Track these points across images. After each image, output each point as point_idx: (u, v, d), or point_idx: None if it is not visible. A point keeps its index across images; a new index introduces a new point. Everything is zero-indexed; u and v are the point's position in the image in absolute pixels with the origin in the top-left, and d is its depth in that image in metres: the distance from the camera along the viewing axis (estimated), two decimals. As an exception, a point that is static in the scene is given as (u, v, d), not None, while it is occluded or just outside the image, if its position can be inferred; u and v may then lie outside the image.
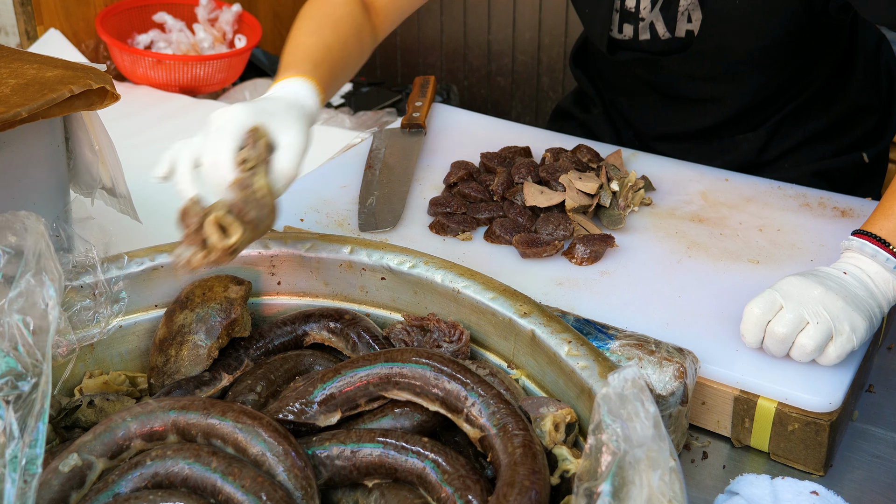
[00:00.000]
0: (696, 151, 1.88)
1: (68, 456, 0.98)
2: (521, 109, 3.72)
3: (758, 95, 1.82)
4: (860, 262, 1.28)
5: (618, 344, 1.21)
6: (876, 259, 1.27)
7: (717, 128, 1.88)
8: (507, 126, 1.93)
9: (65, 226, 1.32)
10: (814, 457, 1.19)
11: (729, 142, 1.89)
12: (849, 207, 1.60)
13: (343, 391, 1.06)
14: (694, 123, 1.89)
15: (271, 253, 1.26)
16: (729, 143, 1.89)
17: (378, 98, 3.24)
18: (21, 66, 1.29)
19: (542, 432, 1.02)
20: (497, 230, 1.50)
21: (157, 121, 2.30)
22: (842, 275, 1.27)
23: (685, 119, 1.90)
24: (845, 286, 1.25)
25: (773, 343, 1.22)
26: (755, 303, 1.24)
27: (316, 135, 2.28)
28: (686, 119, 1.90)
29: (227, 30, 2.81)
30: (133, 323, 1.24)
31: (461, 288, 1.18)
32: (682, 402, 1.16)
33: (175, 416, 1.01)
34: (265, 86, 2.74)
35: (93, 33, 2.69)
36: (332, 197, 1.64)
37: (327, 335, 1.21)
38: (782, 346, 1.22)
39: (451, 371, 1.03)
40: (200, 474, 0.96)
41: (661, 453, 0.87)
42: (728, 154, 1.89)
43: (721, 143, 1.90)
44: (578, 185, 1.55)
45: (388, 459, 0.99)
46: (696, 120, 1.89)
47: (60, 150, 1.37)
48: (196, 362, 1.16)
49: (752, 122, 1.87)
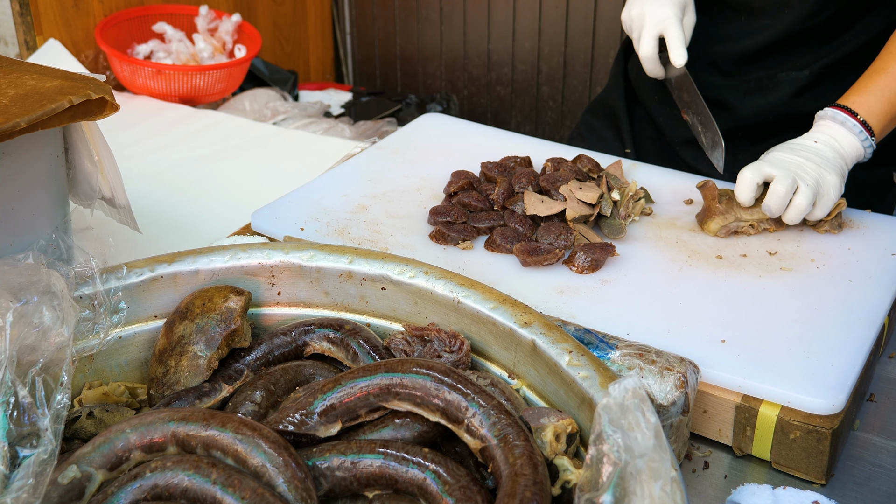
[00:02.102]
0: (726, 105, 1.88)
1: (67, 468, 0.97)
2: (520, 119, 3.72)
3: (816, 12, 1.80)
4: (830, 128, 1.57)
5: (619, 354, 1.20)
6: (845, 125, 1.56)
7: (768, 50, 1.86)
8: (507, 136, 1.93)
9: (64, 237, 1.32)
10: (815, 465, 1.19)
11: (768, 80, 1.88)
12: (849, 218, 1.60)
13: (343, 402, 1.05)
14: (747, 42, 1.87)
15: (271, 263, 1.26)
16: (768, 82, 1.88)
17: (378, 108, 3.25)
18: (20, 76, 1.29)
19: (543, 443, 1.01)
20: (497, 239, 1.50)
21: (157, 131, 2.31)
22: (813, 143, 1.55)
23: (742, 35, 1.87)
24: (818, 153, 1.53)
25: (774, 199, 1.48)
26: (747, 168, 1.51)
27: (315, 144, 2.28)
28: (743, 35, 1.87)
29: (227, 40, 2.81)
30: (132, 334, 1.23)
31: (461, 298, 1.18)
32: (683, 412, 1.16)
33: (174, 427, 1.01)
34: (265, 95, 2.75)
35: (92, 43, 2.69)
36: (332, 206, 1.64)
37: (327, 345, 1.20)
38: (782, 202, 1.48)
39: (451, 381, 1.03)
40: (200, 486, 0.95)
41: (662, 463, 0.87)
42: (765, 95, 1.87)
43: (759, 82, 1.88)
44: (579, 194, 1.54)
45: (389, 470, 0.99)
46: (750, 38, 1.87)
47: (60, 160, 1.37)
48: (196, 373, 1.16)
49: (799, 56, 1.85)
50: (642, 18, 1.74)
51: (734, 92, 1.90)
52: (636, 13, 1.75)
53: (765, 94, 1.88)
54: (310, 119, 2.66)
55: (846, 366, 1.23)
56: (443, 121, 1.99)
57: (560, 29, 3.47)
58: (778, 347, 1.27)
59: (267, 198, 1.74)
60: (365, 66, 4.02)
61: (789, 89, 1.86)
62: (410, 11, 3.77)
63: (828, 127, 1.57)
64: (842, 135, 1.56)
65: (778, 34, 1.84)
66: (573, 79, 3.52)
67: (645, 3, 1.74)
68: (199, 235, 1.73)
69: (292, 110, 2.69)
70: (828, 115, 1.58)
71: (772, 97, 1.88)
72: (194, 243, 1.52)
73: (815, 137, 1.56)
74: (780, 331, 1.31)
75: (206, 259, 1.25)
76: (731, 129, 1.90)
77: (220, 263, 1.25)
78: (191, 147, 2.21)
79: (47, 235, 1.30)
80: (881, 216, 1.60)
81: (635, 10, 1.76)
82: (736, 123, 1.91)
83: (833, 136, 1.56)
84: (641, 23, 1.75)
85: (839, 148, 1.55)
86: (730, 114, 1.91)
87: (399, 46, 3.88)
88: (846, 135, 1.55)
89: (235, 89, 2.76)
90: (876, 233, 1.55)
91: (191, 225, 1.81)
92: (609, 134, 2.12)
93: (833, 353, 1.26)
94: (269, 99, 2.74)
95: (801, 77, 1.86)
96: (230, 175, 2.06)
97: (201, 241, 1.60)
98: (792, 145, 1.55)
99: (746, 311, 1.35)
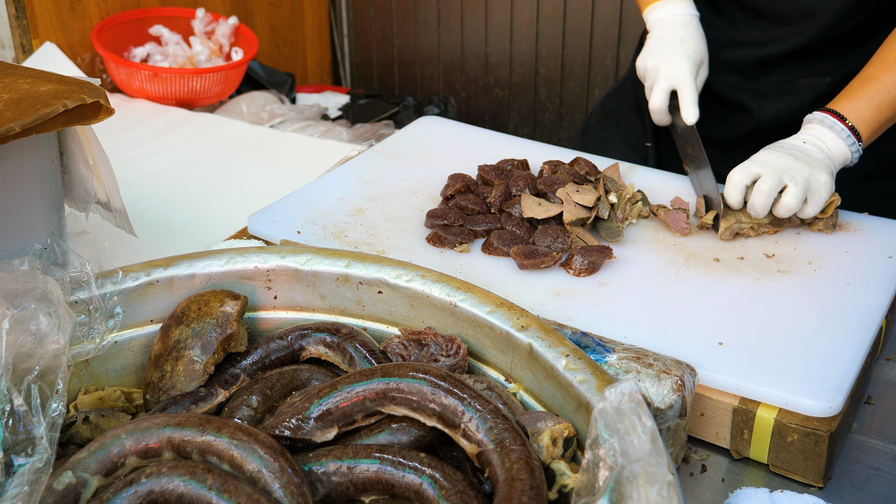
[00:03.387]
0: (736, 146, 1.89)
1: (63, 474, 0.97)
2: (518, 121, 3.72)
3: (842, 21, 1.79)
4: (819, 132, 1.58)
5: (616, 357, 1.20)
6: (833, 129, 1.57)
7: (790, 56, 1.85)
8: (504, 138, 1.93)
9: (59, 241, 1.31)
10: (813, 468, 1.18)
11: (789, 86, 1.87)
12: (846, 221, 1.59)
13: (340, 406, 1.05)
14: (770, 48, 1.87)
15: (268, 267, 1.26)
16: (789, 87, 1.87)
17: (375, 110, 3.24)
18: (14, 80, 1.29)
19: (539, 447, 1.01)
20: (495, 242, 1.50)
21: (154, 134, 2.30)
22: (802, 144, 1.57)
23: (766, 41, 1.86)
24: (807, 153, 1.55)
25: (758, 198, 1.51)
26: (736, 170, 1.54)
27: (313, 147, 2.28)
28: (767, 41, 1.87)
29: (224, 42, 2.81)
30: (128, 338, 1.23)
31: (458, 301, 1.18)
32: (680, 416, 1.16)
33: (170, 432, 1.00)
34: (262, 98, 2.74)
35: (88, 46, 2.69)
36: (329, 209, 1.64)
37: (324, 350, 1.20)
38: (766, 200, 1.50)
39: (448, 386, 1.03)
40: (196, 492, 0.95)
41: (659, 468, 0.86)
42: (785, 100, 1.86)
43: (780, 87, 1.87)
44: (576, 197, 1.54)
45: (386, 475, 0.99)
46: (773, 45, 1.86)
47: (55, 164, 1.36)
48: (192, 378, 1.15)
49: (822, 63, 1.84)
50: (657, 71, 1.76)
51: (754, 95, 1.89)
52: (651, 65, 1.77)
53: (784, 99, 1.88)
54: (307, 122, 2.65)
55: (844, 368, 1.23)
56: (440, 123, 1.99)
57: (558, 31, 3.47)
58: (775, 350, 1.27)
59: (264, 201, 1.73)
60: (362, 69, 4.02)
61: (810, 95, 1.86)
62: (408, 14, 3.77)
63: (816, 130, 1.59)
64: (829, 138, 1.57)
65: (802, 42, 1.83)
66: (571, 81, 3.52)
67: (662, 55, 1.76)
68: (196, 239, 1.73)
69: (289, 113, 2.69)
70: (816, 118, 1.60)
71: (791, 102, 1.87)
72: (190, 247, 1.52)
73: (804, 138, 1.59)
74: (777, 333, 1.30)
75: (203, 263, 1.25)
76: (749, 132, 1.91)
77: (217, 267, 1.25)
78: (187, 150, 2.20)
79: (42, 240, 1.30)
80: (878, 219, 1.60)
81: (651, 61, 1.77)
82: (754, 127, 1.91)
83: (821, 138, 1.58)
84: (656, 75, 1.76)
85: (826, 150, 1.57)
86: (749, 117, 1.91)
87: (397, 49, 3.87)
88: (834, 138, 1.57)
89: (232, 92, 2.76)
90: (873, 235, 1.55)
91: (187, 229, 1.81)
92: (631, 119, 2.11)
93: (830, 356, 1.25)
94: (266, 102, 2.74)
95: (822, 84, 1.85)
96: (227, 178, 2.06)
97: (198, 245, 1.60)
98: (781, 145, 1.57)
99: (744, 313, 1.35)
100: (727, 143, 1.95)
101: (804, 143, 1.57)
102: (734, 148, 1.92)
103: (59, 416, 1.02)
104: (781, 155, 1.54)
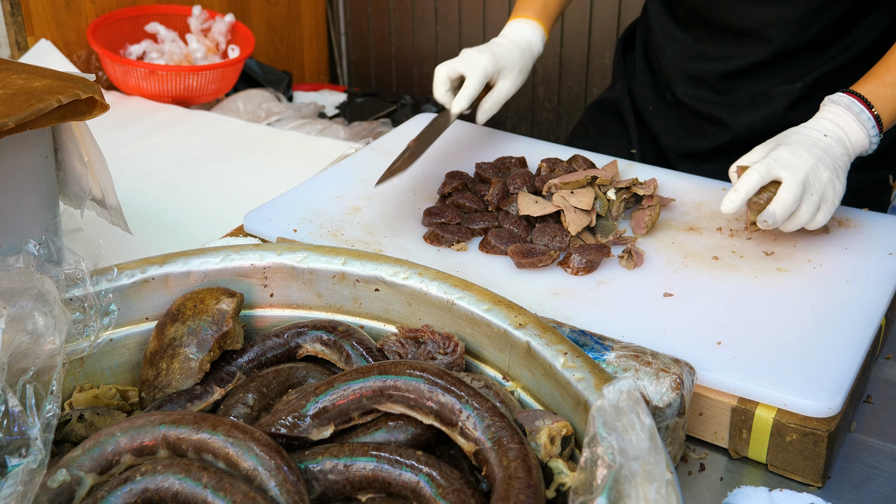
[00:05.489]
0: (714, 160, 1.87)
1: (57, 472, 0.97)
2: (516, 119, 3.71)
3: (803, 30, 1.77)
4: (842, 119, 1.46)
5: (614, 355, 1.19)
6: (858, 118, 1.46)
7: (758, 68, 1.84)
8: (502, 136, 1.92)
9: (54, 238, 1.30)
10: (812, 468, 1.18)
11: (761, 96, 1.86)
12: (846, 218, 1.59)
13: (336, 404, 1.05)
14: (737, 61, 1.85)
15: (264, 264, 1.25)
16: (761, 97, 1.85)
17: (373, 109, 3.24)
18: (8, 76, 1.28)
19: (537, 445, 1.00)
20: (492, 240, 1.49)
21: (150, 132, 2.29)
22: (823, 137, 1.44)
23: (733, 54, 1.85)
24: (828, 151, 1.43)
25: (780, 206, 1.39)
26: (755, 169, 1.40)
27: (310, 145, 2.27)
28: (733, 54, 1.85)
29: (221, 40, 2.80)
30: (123, 336, 1.22)
31: (455, 299, 1.17)
32: (678, 414, 1.15)
33: (165, 430, 1.00)
34: (259, 96, 2.74)
35: (84, 44, 2.68)
36: (325, 207, 1.63)
37: (320, 347, 1.20)
38: (788, 209, 1.39)
39: (445, 384, 1.02)
40: (191, 490, 0.94)
41: (657, 466, 0.86)
42: (758, 110, 1.84)
43: (752, 98, 1.86)
44: (573, 200, 1.53)
45: (382, 473, 0.98)
46: (740, 58, 1.85)
47: (49, 161, 1.36)
48: (187, 375, 1.15)
49: (792, 70, 1.82)
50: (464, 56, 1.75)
51: (727, 109, 1.89)
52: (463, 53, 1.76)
53: (757, 110, 1.87)
54: (304, 120, 2.64)
55: (843, 367, 1.22)
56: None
57: (556, 30, 3.46)
58: (774, 349, 1.26)
59: (260, 199, 1.73)
60: (360, 67, 4.01)
61: (782, 103, 1.85)
62: (405, 12, 3.77)
63: (839, 117, 1.47)
64: (851, 128, 1.46)
65: (767, 53, 1.82)
66: (569, 79, 3.52)
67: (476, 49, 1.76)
68: (192, 237, 1.72)
69: (286, 111, 2.68)
70: (842, 102, 1.48)
71: (765, 111, 1.86)
72: (186, 245, 1.51)
73: (825, 129, 1.46)
74: (776, 332, 1.30)
75: (198, 260, 1.24)
76: (726, 144, 1.90)
77: (212, 265, 1.24)
78: (183, 148, 2.20)
79: (37, 237, 1.29)
80: (878, 215, 1.60)
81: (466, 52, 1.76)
82: (731, 139, 1.90)
83: (843, 127, 1.46)
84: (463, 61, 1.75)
85: (847, 143, 1.46)
86: (725, 130, 1.90)
87: (394, 47, 3.87)
88: (856, 128, 1.46)
89: (229, 90, 2.75)
90: (873, 232, 1.55)
91: (183, 226, 1.80)
92: (615, 130, 2.12)
93: (830, 355, 1.25)
94: (262, 100, 2.73)
95: (794, 90, 1.84)
96: (223, 176, 2.05)
97: (193, 243, 1.59)
98: (800, 140, 1.45)
99: (743, 312, 1.35)
100: (706, 154, 1.96)
101: (825, 137, 1.45)
102: (713, 159, 1.93)
103: (53, 416, 1.01)
104: (803, 155, 1.41)
